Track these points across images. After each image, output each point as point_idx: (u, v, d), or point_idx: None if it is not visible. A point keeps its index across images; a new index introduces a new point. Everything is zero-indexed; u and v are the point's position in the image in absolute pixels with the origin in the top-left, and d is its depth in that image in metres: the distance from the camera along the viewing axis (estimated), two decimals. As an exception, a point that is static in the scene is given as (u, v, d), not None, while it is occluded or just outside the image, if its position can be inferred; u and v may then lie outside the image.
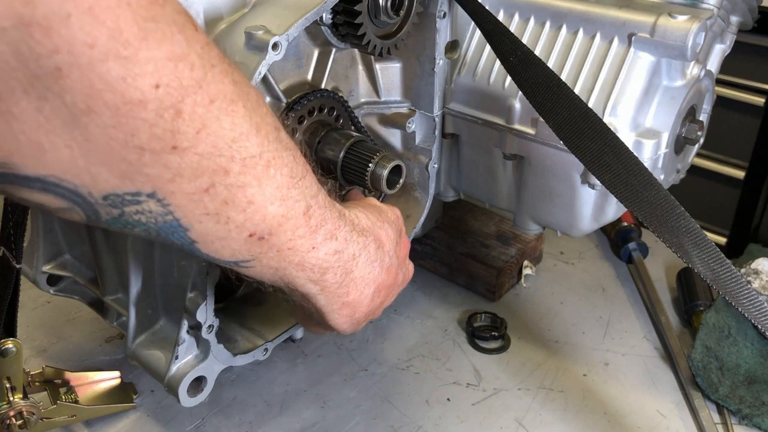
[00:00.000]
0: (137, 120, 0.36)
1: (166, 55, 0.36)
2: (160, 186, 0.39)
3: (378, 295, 0.58)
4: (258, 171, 0.43)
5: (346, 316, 0.57)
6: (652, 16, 0.70)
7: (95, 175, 0.38)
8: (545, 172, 0.78)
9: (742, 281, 0.59)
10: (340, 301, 0.55)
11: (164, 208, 0.41)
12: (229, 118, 0.40)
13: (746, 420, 0.75)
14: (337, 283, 0.54)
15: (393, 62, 0.80)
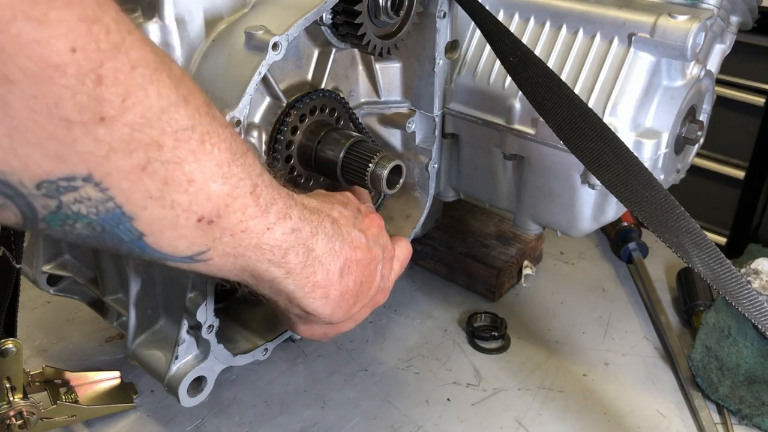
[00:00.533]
0: (58, 87, 0.34)
1: (77, 16, 0.34)
2: (95, 166, 0.38)
3: (348, 272, 0.57)
4: (193, 145, 0.41)
5: (321, 297, 0.55)
6: (652, 16, 0.70)
7: (24, 157, 0.36)
8: (545, 172, 0.78)
9: (742, 281, 0.60)
10: (310, 283, 0.54)
11: (103, 193, 0.39)
12: (155, 86, 0.39)
13: (746, 420, 0.75)
14: (302, 264, 0.52)
15: (393, 62, 0.80)
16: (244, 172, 0.46)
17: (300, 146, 0.73)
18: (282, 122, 0.70)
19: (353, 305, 0.59)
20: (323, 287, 0.55)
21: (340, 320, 0.59)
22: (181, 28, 0.63)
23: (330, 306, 0.56)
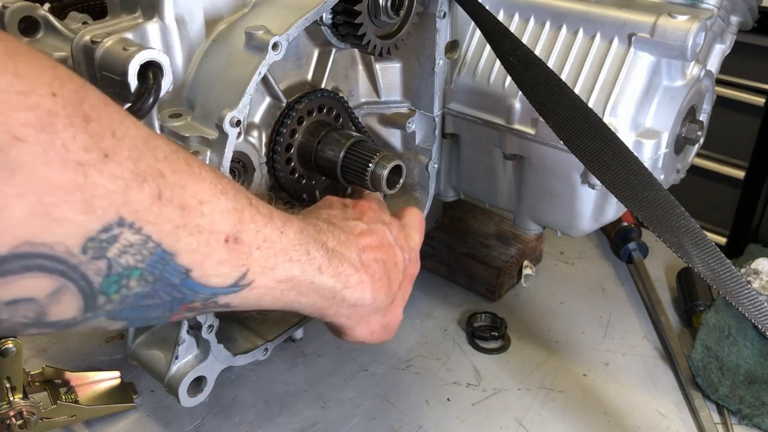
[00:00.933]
0: (60, 131, 0.36)
1: (40, 66, 0.36)
2: (121, 206, 0.39)
3: (366, 255, 0.60)
4: (183, 168, 0.43)
5: (357, 284, 0.58)
6: (652, 16, 0.70)
7: (61, 219, 0.36)
8: (545, 172, 0.78)
9: (742, 281, 0.60)
10: (342, 274, 0.57)
11: (139, 234, 0.40)
12: (129, 119, 0.41)
13: (746, 420, 0.75)
14: (326, 257, 0.55)
15: (393, 62, 0.80)
16: (234, 188, 0.48)
17: (300, 146, 0.73)
18: (282, 122, 0.70)
19: (389, 284, 0.61)
20: (354, 274, 0.57)
21: (385, 302, 0.61)
22: (181, 28, 0.63)
23: (368, 289, 0.59)
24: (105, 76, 0.58)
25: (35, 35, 0.69)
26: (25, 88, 0.35)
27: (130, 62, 0.56)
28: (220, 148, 0.59)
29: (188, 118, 0.62)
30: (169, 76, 0.58)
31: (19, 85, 0.35)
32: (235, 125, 0.59)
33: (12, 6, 0.67)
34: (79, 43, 0.60)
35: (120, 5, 0.64)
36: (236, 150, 0.64)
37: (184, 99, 0.64)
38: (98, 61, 0.58)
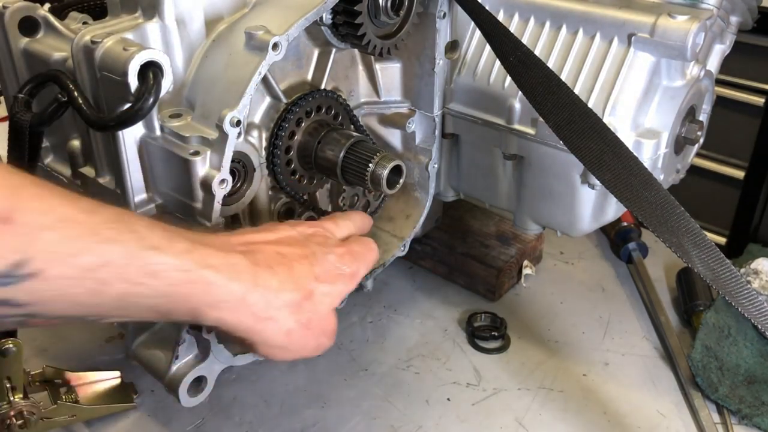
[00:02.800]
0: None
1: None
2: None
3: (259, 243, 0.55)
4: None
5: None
6: (652, 16, 0.70)
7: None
8: (545, 172, 0.78)
9: (742, 281, 0.60)
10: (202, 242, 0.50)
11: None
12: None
13: (746, 420, 0.75)
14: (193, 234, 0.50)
15: (393, 62, 0.80)
16: (18, 172, 0.43)
17: (300, 146, 0.73)
18: (282, 122, 0.70)
19: (290, 272, 0.54)
20: (215, 254, 0.50)
21: (285, 291, 0.53)
22: (181, 28, 0.63)
23: (245, 271, 0.51)
24: (105, 76, 0.59)
25: (35, 35, 0.69)
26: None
27: (130, 62, 0.56)
28: (220, 148, 0.59)
29: (188, 118, 0.62)
30: (169, 76, 0.58)
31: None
32: (235, 125, 0.59)
33: (12, 6, 0.67)
34: (79, 43, 0.60)
35: (120, 5, 0.64)
36: (236, 150, 0.64)
37: (184, 99, 0.64)
38: (98, 61, 0.58)
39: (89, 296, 0.44)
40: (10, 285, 0.41)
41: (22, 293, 0.42)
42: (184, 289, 0.48)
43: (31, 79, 0.63)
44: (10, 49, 0.69)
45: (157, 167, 0.63)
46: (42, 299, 0.43)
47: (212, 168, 0.60)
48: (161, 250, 0.46)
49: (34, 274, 0.41)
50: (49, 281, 0.42)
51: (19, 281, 0.41)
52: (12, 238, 0.40)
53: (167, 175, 0.63)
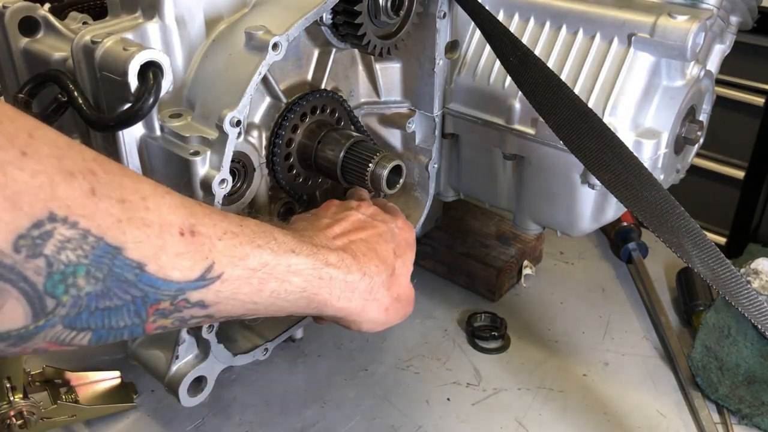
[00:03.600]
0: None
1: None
2: (49, 200, 0.38)
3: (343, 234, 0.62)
4: (115, 168, 0.43)
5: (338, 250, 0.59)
6: (652, 16, 0.70)
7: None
8: (545, 172, 0.78)
9: (742, 281, 0.60)
10: (319, 252, 0.57)
11: (76, 229, 0.39)
12: (46, 126, 0.40)
13: (746, 420, 0.75)
14: (300, 235, 0.57)
15: (393, 62, 0.80)
16: (177, 194, 0.47)
17: (300, 146, 0.73)
18: (282, 122, 0.70)
19: (378, 255, 0.61)
20: (330, 253, 0.57)
21: (381, 273, 0.61)
22: (181, 28, 0.63)
23: (353, 265, 0.59)
24: (105, 76, 0.58)
25: (35, 35, 0.69)
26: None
27: (130, 62, 0.56)
28: (220, 148, 0.59)
29: (188, 118, 0.62)
30: (169, 76, 0.58)
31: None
32: (235, 125, 0.59)
33: (12, 6, 0.67)
34: (79, 43, 0.60)
35: (120, 5, 0.64)
36: (236, 150, 0.64)
37: (184, 99, 0.64)
38: (98, 61, 0.58)
39: (252, 294, 0.50)
40: (204, 288, 0.47)
41: (211, 294, 0.47)
42: (315, 284, 0.55)
43: (31, 79, 0.63)
44: (10, 49, 0.69)
45: (157, 167, 0.63)
46: (222, 299, 0.48)
47: (212, 168, 0.60)
48: (297, 253, 0.54)
49: (219, 277, 0.47)
50: (228, 282, 0.48)
51: (210, 284, 0.47)
52: (200, 247, 0.46)
53: (167, 175, 0.63)
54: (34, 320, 0.39)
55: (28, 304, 0.38)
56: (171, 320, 0.47)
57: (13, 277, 0.37)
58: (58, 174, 0.38)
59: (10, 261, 0.37)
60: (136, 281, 0.42)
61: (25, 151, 0.37)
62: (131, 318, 0.44)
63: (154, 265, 0.43)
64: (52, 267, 0.38)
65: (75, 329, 0.41)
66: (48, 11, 0.69)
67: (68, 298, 0.40)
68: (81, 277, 0.40)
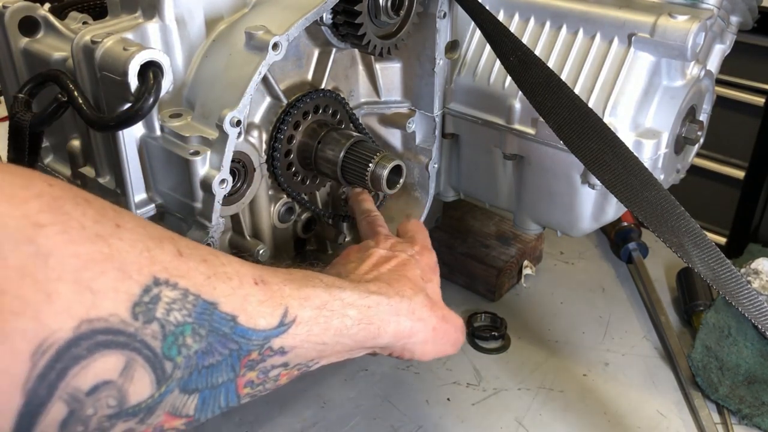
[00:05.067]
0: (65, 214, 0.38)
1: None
2: (149, 265, 0.40)
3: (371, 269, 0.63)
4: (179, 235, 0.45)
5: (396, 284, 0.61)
6: (652, 16, 0.70)
7: (102, 290, 0.37)
8: (545, 172, 0.78)
9: (742, 281, 0.60)
10: (368, 282, 0.59)
11: (177, 290, 0.41)
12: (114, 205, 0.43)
13: (746, 420, 0.75)
14: (343, 271, 0.60)
15: (393, 62, 0.80)
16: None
17: (300, 146, 0.73)
18: (282, 122, 0.70)
19: (409, 280, 0.62)
20: (370, 284, 0.59)
21: (417, 295, 0.61)
22: (181, 28, 0.63)
23: (391, 291, 0.59)
24: (105, 76, 0.58)
25: (35, 35, 0.69)
26: (24, 183, 0.37)
27: (130, 62, 0.56)
28: (221, 148, 0.59)
29: (188, 118, 0.62)
30: (169, 76, 0.58)
31: (18, 181, 0.37)
32: (235, 125, 0.59)
33: (12, 6, 0.67)
34: (79, 43, 0.60)
35: (120, 5, 0.64)
36: (236, 150, 0.64)
37: (184, 99, 0.64)
38: (98, 61, 0.58)
39: (321, 334, 0.52)
40: (284, 333, 0.48)
41: (289, 339, 0.49)
42: (367, 313, 0.56)
43: (31, 79, 0.63)
44: (10, 49, 0.69)
45: (157, 167, 0.63)
46: (298, 343, 0.50)
47: (212, 168, 0.60)
48: (344, 289, 0.55)
49: (294, 321, 0.49)
50: (301, 325, 0.50)
51: (288, 328, 0.49)
52: (273, 294, 0.48)
53: (167, 175, 0.63)
54: (158, 387, 0.41)
55: (152, 371, 0.40)
56: (257, 372, 0.48)
57: (137, 345, 0.39)
58: (150, 240, 0.41)
59: (132, 329, 0.38)
60: (232, 334, 0.44)
61: (118, 224, 0.40)
62: (227, 373, 0.45)
63: (244, 316, 0.45)
64: (165, 330, 0.40)
65: (187, 393, 0.43)
66: (48, 11, 0.69)
67: (182, 359, 0.41)
68: (189, 336, 0.42)
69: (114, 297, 0.38)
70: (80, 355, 0.36)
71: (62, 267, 0.36)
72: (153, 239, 0.41)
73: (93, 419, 0.38)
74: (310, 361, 0.53)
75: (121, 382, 0.38)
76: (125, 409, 0.39)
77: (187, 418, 0.44)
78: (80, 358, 0.36)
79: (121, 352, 0.38)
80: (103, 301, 0.37)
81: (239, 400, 0.48)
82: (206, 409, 0.45)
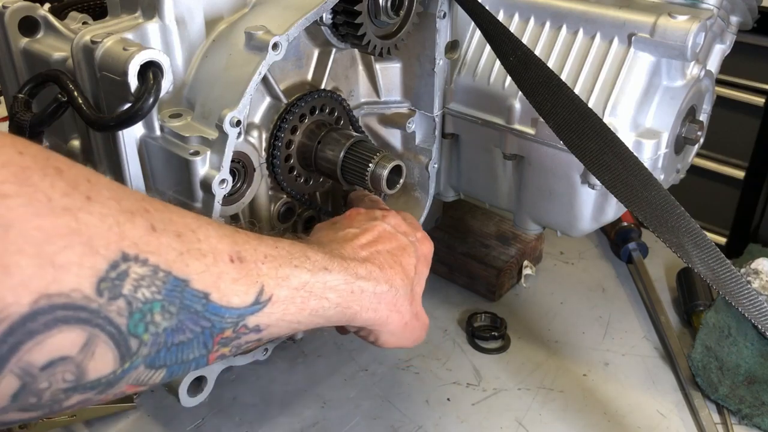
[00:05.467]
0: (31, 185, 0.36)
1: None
2: (118, 241, 0.39)
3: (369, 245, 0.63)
4: (160, 206, 0.44)
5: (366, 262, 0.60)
6: (652, 16, 0.70)
7: (65, 265, 0.36)
8: (545, 172, 0.78)
9: (742, 281, 0.60)
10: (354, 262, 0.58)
11: (147, 266, 0.40)
12: (97, 173, 0.42)
13: (746, 420, 0.75)
14: (326, 251, 0.57)
15: (393, 62, 0.80)
16: (215, 222, 0.50)
17: (300, 146, 0.73)
18: (282, 122, 0.70)
19: (403, 268, 0.62)
20: (359, 266, 0.58)
21: (405, 286, 0.62)
22: (181, 28, 0.63)
23: (381, 278, 0.60)
24: (105, 76, 0.58)
25: (35, 35, 0.69)
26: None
27: (130, 62, 0.56)
28: (220, 148, 0.59)
29: (188, 118, 0.62)
30: (169, 76, 0.58)
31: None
32: (235, 125, 0.59)
33: (12, 6, 0.67)
34: (79, 43, 0.60)
35: (120, 5, 0.64)
36: (236, 150, 0.64)
37: (184, 99, 0.64)
38: (98, 61, 0.58)
39: (297, 314, 0.52)
40: (259, 311, 0.48)
41: (264, 318, 0.49)
42: (349, 298, 0.56)
43: (31, 79, 0.63)
44: (10, 49, 0.69)
45: (157, 167, 0.63)
46: (273, 321, 0.50)
47: (212, 168, 0.60)
48: (330, 270, 0.55)
49: (270, 299, 0.49)
50: (277, 304, 0.49)
51: (263, 307, 0.48)
52: (249, 272, 0.47)
53: (167, 175, 0.63)
54: (122, 363, 0.40)
55: (116, 348, 0.39)
56: (229, 348, 0.48)
57: (100, 322, 0.38)
58: (121, 215, 0.40)
59: (95, 305, 0.38)
60: (204, 311, 0.44)
61: (89, 196, 0.38)
62: (199, 350, 0.45)
63: (217, 294, 0.45)
64: (132, 306, 0.39)
65: (154, 368, 0.42)
66: (48, 11, 0.69)
67: (149, 337, 0.41)
68: (157, 313, 0.41)
69: (77, 272, 0.37)
70: (36, 329, 0.35)
71: (23, 240, 0.34)
72: (125, 213, 0.40)
73: (47, 392, 0.38)
74: (280, 336, 0.53)
75: (81, 359, 0.38)
76: (83, 383, 0.39)
77: (150, 387, 0.44)
78: (35, 333, 0.35)
79: (81, 328, 0.37)
80: (65, 275, 0.36)
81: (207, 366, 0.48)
82: (173, 377, 0.45)
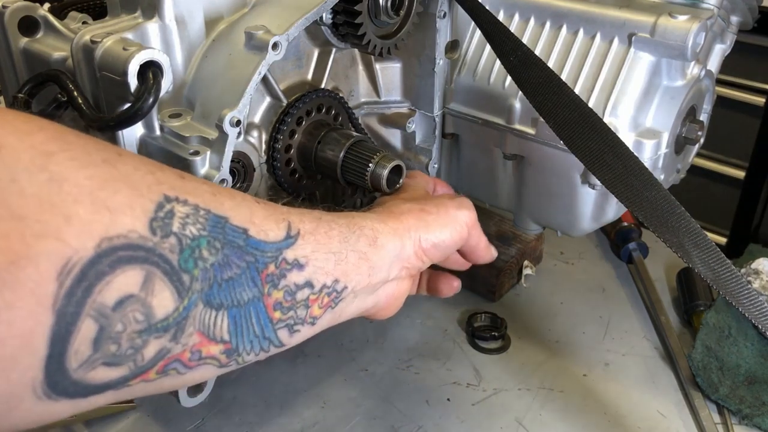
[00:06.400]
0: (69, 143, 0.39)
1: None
2: (157, 184, 0.41)
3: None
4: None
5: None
6: (652, 16, 0.70)
7: (120, 208, 0.38)
8: (545, 172, 0.78)
9: (743, 281, 0.59)
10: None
11: (188, 205, 0.42)
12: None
13: (746, 420, 0.75)
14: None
15: (393, 62, 0.80)
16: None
17: (300, 146, 0.73)
18: (282, 122, 0.70)
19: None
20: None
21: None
22: (181, 28, 0.63)
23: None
24: (105, 76, 0.58)
25: (35, 35, 0.69)
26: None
27: (129, 62, 0.56)
28: (220, 148, 0.59)
29: (188, 118, 0.62)
30: (169, 76, 0.58)
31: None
32: (235, 125, 0.59)
33: (12, 6, 0.67)
34: (78, 43, 0.60)
35: (120, 5, 0.64)
36: (236, 150, 0.64)
37: (184, 99, 0.64)
38: (98, 60, 0.58)
39: (327, 243, 0.52)
40: (294, 245, 0.49)
41: (300, 250, 0.49)
42: (359, 222, 0.57)
43: (30, 79, 0.63)
44: (10, 49, 0.69)
45: (157, 167, 0.63)
46: (310, 254, 0.50)
47: (212, 168, 0.60)
48: (365, 218, 0.57)
49: (299, 233, 0.50)
50: (306, 236, 0.50)
51: (295, 240, 0.49)
52: (274, 210, 0.49)
53: (167, 175, 0.63)
54: (180, 299, 0.41)
55: (171, 284, 0.41)
56: (282, 293, 0.48)
57: (156, 259, 0.40)
58: (151, 165, 0.43)
59: (150, 244, 0.39)
60: (246, 246, 0.45)
61: (119, 152, 0.41)
62: (251, 289, 0.46)
63: (254, 229, 0.46)
64: (182, 243, 0.41)
65: (213, 307, 0.43)
66: (48, 11, 0.69)
67: (198, 272, 0.42)
68: (204, 249, 0.43)
69: (131, 213, 0.39)
70: (103, 271, 0.37)
71: (78, 190, 0.37)
72: (153, 164, 0.43)
73: (123, 336, 0.39)
74: (335, 282, 0.53)
75: (144, 296, 0.39)
76: (153, 324, 0.40)
77: (224, 344, 0.45)
78: (103, 275, 0.37)
79: (140, 266, 0.39)
80: (121, 218, 0.38)
81: (275, 330, 0.49)
82: (241, 333, 0.46)
